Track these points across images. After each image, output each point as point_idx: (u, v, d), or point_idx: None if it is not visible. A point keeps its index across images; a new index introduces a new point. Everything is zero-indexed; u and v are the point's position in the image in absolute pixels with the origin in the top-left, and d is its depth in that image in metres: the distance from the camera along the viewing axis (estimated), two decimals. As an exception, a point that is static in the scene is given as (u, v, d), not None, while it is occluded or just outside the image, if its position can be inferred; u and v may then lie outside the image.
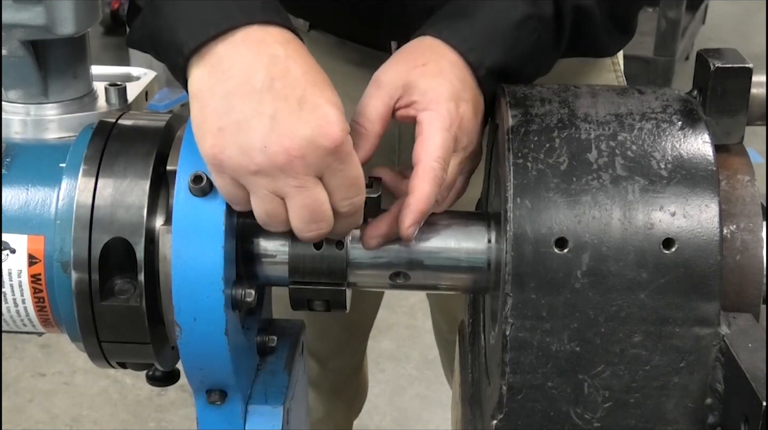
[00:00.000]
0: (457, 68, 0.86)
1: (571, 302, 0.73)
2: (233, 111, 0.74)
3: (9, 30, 0.84)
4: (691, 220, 0.74)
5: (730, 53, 0.82)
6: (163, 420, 2.48)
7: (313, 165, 0.74)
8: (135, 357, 0.86)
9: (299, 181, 0.74)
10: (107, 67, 1.01)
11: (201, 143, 0.76)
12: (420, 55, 0.87)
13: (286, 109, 0.73)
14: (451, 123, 0.82)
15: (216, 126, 0.74)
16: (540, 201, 0.74)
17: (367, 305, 1.50)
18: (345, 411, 1.64)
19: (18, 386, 2.57)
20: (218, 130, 0.74)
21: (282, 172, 0.74)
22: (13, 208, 0.82)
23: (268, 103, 0.73)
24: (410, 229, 0.81)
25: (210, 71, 0.75)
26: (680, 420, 0.74)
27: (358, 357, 1.60)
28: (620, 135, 0.77)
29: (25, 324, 0.85)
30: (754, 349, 0.71)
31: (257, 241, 0.85)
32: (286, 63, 0.75)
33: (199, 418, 0.86)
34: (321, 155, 0.74)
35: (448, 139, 0.82)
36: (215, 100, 0.74)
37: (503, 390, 0.75)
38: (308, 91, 0.74)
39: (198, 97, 0.76)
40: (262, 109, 0.73)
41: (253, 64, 0.74)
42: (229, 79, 0.74)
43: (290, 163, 0.73)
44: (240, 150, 0.73)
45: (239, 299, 0.80)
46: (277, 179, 0.74)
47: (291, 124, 0.73)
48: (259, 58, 0.74)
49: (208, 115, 0.75)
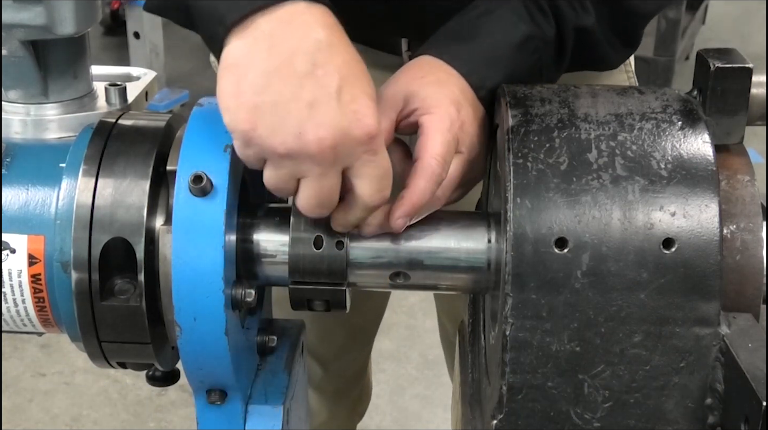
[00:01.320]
0: (457, 79, 0.87)
1: (571, 302, 0.73)
2: (272, 90, 0.73)
3: (9, 30, 0.84)
4: (691, 220, 0.74)
5: (730, 53, 0.82)
6: (163, 420, 2.48)
7: (342, 156, 0.75)
8: (135, 357, 0.86)
9: (323, 169, 0.75)
10: (107, 67, 1.01)
11: (232, 115, 0.75)
12: (419, 69, 0.89)
13: (325, 97, 0.73)
14: (452, 124, 0.83)
15: (252, 102, 0.73)
16: (540, 201, 0.74)
17: (371, 310, 1.50)
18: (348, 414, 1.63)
19: (18, 386, 2.57)
20: (253, 107, 0.73)
21: (310, 159, 0.74)
22: (13, 208, 0.82)
23: (308, 89, 0.73)
24: (399, 220, 0.81)
25: (252, 45, 0.74)
26: (680, 420, 0.74)
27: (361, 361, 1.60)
28: (620, 135, 0.77)
29: (25, 324, 0.85)
30: (754, 349, 0.71)
31: (257, 241, 0.85)
32: (329, 50, 0.75)
33: (199, 418, 0.86)
34: (353, 146, 0.74)
35: (448, 139, 0.82)
36: (254, 76, 0.74)
37: (503, 390, 0.75)
38: (347, 81, 0.74)
39: (235, 69, 0.75)
40: (302, 94, 0.73)
41: (298, 47, 0.74)
42: (271, 57, 0.74)
43: (321, 153, 0.74)
44: (273, 131, 0.73)
45: (239, 299, 0.80)
46: (302, 164, 0.75)
47: (328, 113, 0.73)
48: (304, 41, 0.74)
49: (244, 90, 0.74)
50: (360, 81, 0.76)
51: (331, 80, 0.74)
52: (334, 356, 1.48)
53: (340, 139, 0.73)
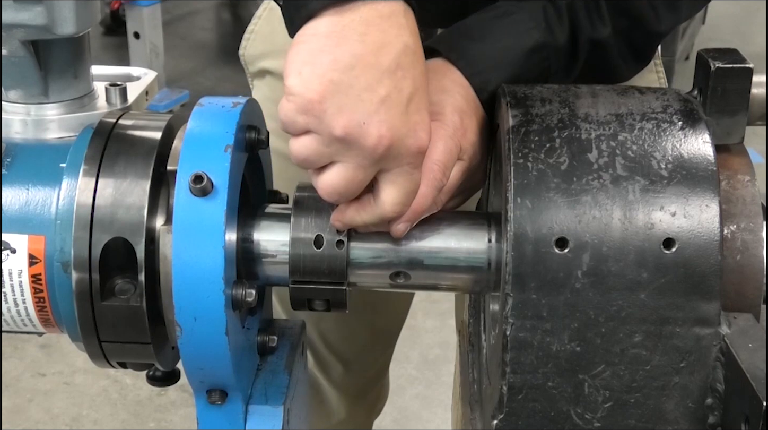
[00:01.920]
0: (461, 87, 0.88)
1: (572, 302, 0.73)
2: (352, 73, 0.74)
3: (9, 30, 0.84)
4: (692, 220, 0.74)
5: (730, 53, 0.82)
6: (163, 420, 2.48)
7: (390, 159, 0.76)
8: (135, 357, 0.86)
9: (365, 162, 0.76)
10: (107, 67, 1.01)
11: (304, 81, 0.74)
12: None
13: (397, 99, 0.75)
14: (455, 131, 0.84)
15: (329, 76, 0.74)
16: (540, 201, 0.74)
17: (396, 311, 1.50)
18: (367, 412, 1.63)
19: (18, 386, 2.57)
20: (329, 81, 0.74)
21: (361, 150, 0.75)
22: (13, 208, 0.82)
23: (385, 85, 0.74)
24: (400, 226, 0.82)
25: (347, 26, 0.74)
26: (680, 420, 0.74)
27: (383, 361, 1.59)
28: (621, 135, 0.77)
29: (25, 324, 0.85)
30: (755, 349, 0.71)
31: (257, 241, 0.85)
32: (413, 58, 0.76)
33: (200, 418, 0.86)
34: (403, 154, 0.76)
35: (450, 146, 0.83)
36: (339, 53, 0.74)
37: (503, 390, 0.75)
38: (418, 92, 0.77)
39: (317, 40, 0.74)
40: (378, 88, 0.74)
41: (389, 44, 0.75)
42: (361, 42, 0.74)
43: (375, 149, 0.75)
44: (339, 111, 0.74)
45: (239, 299, 0.80)
46: (350, 150, 0.75)
47: (395, 114, 0.75)
48: (396, 40, 0.75)
49: (323, 62, 0.74)
50: (426, 96, 0.78)
51: (407, 85, 0.75)
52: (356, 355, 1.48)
53: (397, 142, 0.75)
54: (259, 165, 0.93)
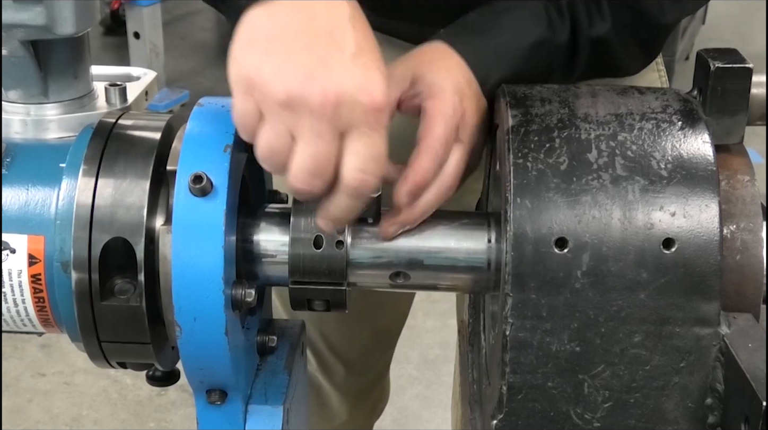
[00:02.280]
0: (464, 71, 0.88)
1: (571, 302, 0.73)
2: (287, 40, 0.72)
3: (9, 30, 0.84)
4: (691, 220, 0.74)
5: (730, 53, 0.82)
6: (163, 420, 2.48)
7: (342, 118, 0.72)
8: (135, 357, 0.86)
9: (321, 127, 0.72)
10: (107, 67, 1.00)
11: (239, 63, 0.74)
12: (430, 54, 0.90)
13: (338, 57, 0.72)
14: (454, 112, 0.84)
15: (264, 48, 0.73)
16: (540, 201, 0.74)
17: (397, 311, 1.50)
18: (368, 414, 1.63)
19: (18, 386, 2.57)
20: (264, 52, 0.73)
21: (310, 112, 0.72)
22: (13, 208, 0.82)
23: (323, 46, 0.73)
24: (404, 197, 0.81)
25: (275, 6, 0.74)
26: (680, 420, 0.74)
27: (384, 362, 1.59)
28: (620, 135, 0.77)
29: (25, 324, 0.85)
30: (754, 349, 0.71)
31: (257, 241, 0.85)
32: (351, 22, 0.74)
33: (199, 418, 0.86)
34: (355, 111, 0.72)
35: (450, 125, 0.83)
36: (273, 25, 0.73)
37: (503, 390, 0.75)
38: (363, 51, 0.74)
39: (255, 19, 0.74)
40: (316, 48, 0.72)
41: (322, 11, 0.74)
42: (294, 13, 0.73)
43: (322, 106, 0.71)
44: (278, 75, 0.72)
45: (239, 299, 0.80)
46: (300, 117, 0.72)
47: (338, 70, 0.72)
48: (329, 8, 0.74)
49: (259, 36, 0.73)
50: (375, 56, 0.74)
51: (348, 44, 0.73)
52: (358, 357, 1.48)
53: (344, 98, 0.71)
54: (259, 165, 0.92)
